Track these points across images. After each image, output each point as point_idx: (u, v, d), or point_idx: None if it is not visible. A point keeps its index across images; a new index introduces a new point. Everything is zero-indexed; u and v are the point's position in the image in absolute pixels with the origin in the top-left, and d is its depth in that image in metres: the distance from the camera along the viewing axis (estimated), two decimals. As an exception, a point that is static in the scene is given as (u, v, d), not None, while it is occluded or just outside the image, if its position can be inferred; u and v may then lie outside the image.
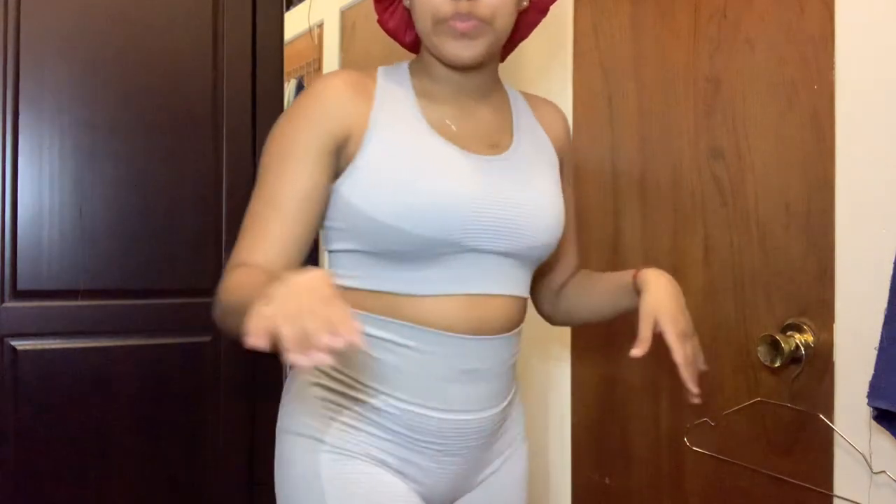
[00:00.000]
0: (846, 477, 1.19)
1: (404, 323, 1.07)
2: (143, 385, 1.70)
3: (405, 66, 1.18)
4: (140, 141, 1.68)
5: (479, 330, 1.08)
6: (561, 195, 1.18)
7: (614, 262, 1.66)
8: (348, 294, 1.07)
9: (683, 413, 1.49)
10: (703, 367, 1.14)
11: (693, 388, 1.09)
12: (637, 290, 1.17)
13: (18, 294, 1.59)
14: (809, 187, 1.26)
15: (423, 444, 1.09)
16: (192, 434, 1.74)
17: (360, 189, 1.05)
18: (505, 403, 1.16)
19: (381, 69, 1.16)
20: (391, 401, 1.08)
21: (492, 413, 1.13)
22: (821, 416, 1.23)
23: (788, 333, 1.27)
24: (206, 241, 1.74)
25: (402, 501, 1.09)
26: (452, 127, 1.12)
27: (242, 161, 1.78)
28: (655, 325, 1.08)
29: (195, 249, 1.74)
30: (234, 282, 0.97)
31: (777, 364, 1.25)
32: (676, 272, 1.50)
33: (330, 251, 1.15)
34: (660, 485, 1.55)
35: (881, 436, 1.14)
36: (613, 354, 1.67)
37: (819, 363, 1.24)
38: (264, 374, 1.81)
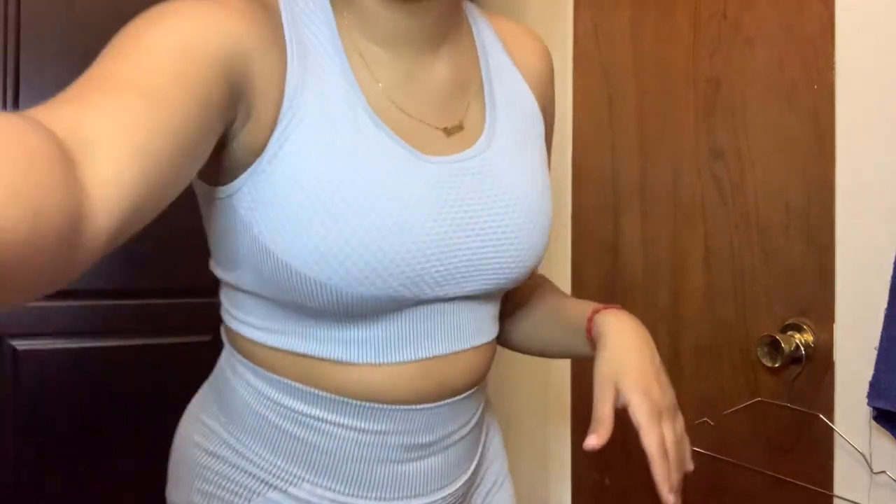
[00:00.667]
0: (846, 477, 1.19)
1: (336, 397, 0.77)
2: (143, 385, 1.70)
3: None
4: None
5: (440, 396, 0.80)
6: (548, 183, 0.86)
7: (614, 262, 1.66)
8: (254, 349, 0.80)
9: (684, 413, 1.49)
10: (689, 466, 0.86)
11: (668, 494, 0.79)
12: (591, 342, 0.87)
13: (18, 294, 1.59)
14: (809, 187, 1.26)
15: None
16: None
17: (266, 215, 0.70)
18: (473, 466, 0.88)
19: None
20: (315, 490, 0.80)
21: (454, 488, 0.85)
22: (821, 416, 1.22)
23: (788, 333, 1.27)
24: (205, 240, 1.74)
25: None
26: (397, 104, 0.76)
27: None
28: (616, 397, 0.80)
29: (193, 248, 1.73)
30: None
31: (777, 364, 1.25)
32: (676, 272, 1.50)
33: (222, 281, 0.86)
34: (660, 485, 1.55)
35: (881, 436, 1.14)
36: (613, 355, 1.67)
37: (819, 363, 1.24)
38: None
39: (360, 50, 0.76)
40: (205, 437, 0.86)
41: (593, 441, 0.76)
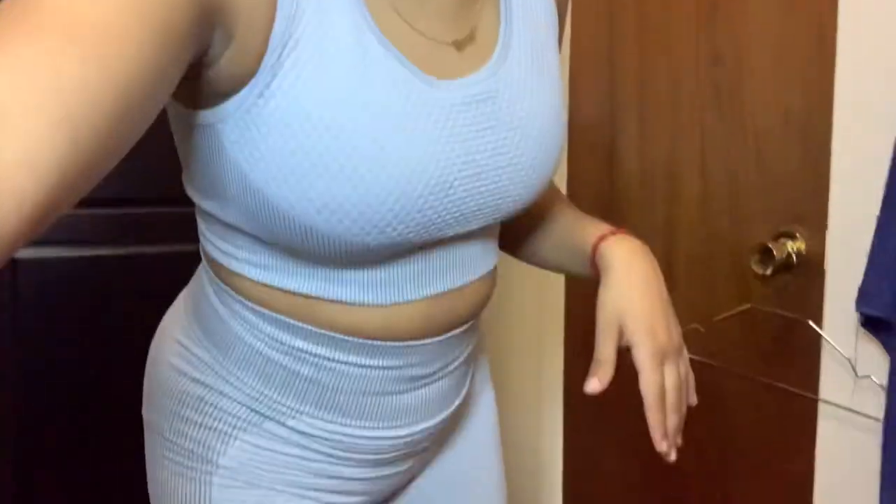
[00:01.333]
0: (832, 381, 1.22)
1: (338, 335, 0.73)
2: (143, 294, 1.71)
3: None
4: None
5: (441, 329, 0.77)
6: (562, 99, 0.79)
7: (610, 171, 1.66)
8: (244, 283, 0.74)
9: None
10: (692, 400, 0.87)
11: (661, 441, 0.79)
12: (595, 271, 0.83)
13: (15, 203, 1.59)
14: (808, 95, 1.24)
15: (356, 463, 0.81)
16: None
17: (258, 156, 0.62)
18: (464, 392, 0.88)
19: None
20: (313, 421, 0.77)
21: (446, 414, 0.84)
22: (809, 322, 1.24)
23: (781, 241, 1.28)
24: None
25: None
26: (402, 15, 0.66)
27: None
28: (620, 336, 0.80)
29: (190, 158, 1.73)
30: None
31: (768, 272, 1.27)
32: (672, 181, 1.50)
33: (200, 207, 0.79)
34: (650, 389, 1.59)
35: (867, 342, 1.16)
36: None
37: (810, 271, 1.25)
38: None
39: None
40: (187, 362, 0.81)
41: (594, 385, 0.78)
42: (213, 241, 0.78)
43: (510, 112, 0.71)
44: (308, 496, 0.79)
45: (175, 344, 0.84)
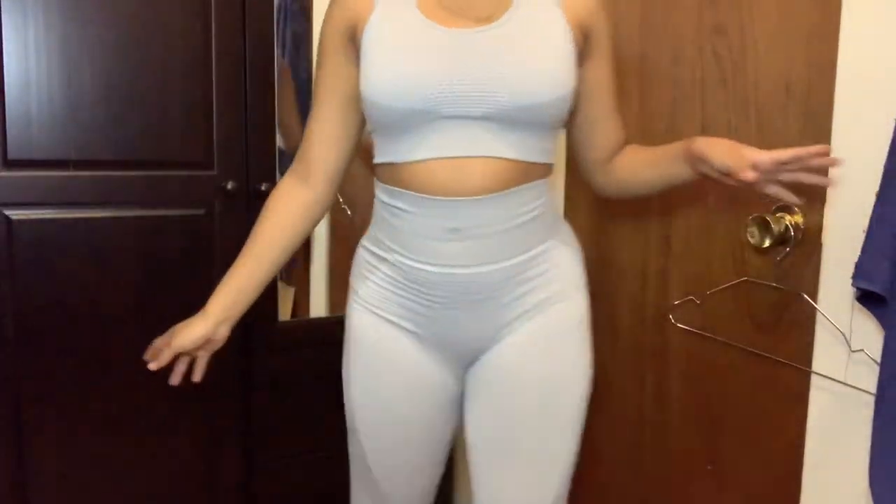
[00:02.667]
0: (825, 355, 1.23)
1: (396, 189, 1.19)
2: (138, 256, 1.71)
3: None
4: (127, 7, 1.63)
5: (458, 192, 1.15)
6: (561, 58, 1.16)
7: (610, 141, 1.65)
8: (376, 169, 1.26)
9: (670, 293, 1.52)
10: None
11: (833, 161, 1.12)
12: (691, 156, 1.21)
13: (9, 164, 1.58)
14: (810, 66, 1.23)
15: (428, 297, 1.22)
16: (188, 305, 1.77)
17: (361, 72, 1.17)
18: (507, 264, 1.20)
19: None
20: (398, 257, 1.22)
21: (489, 269, 1.19)
22: (805, 295, 1.25)
23: (779, 215, 1.28)
24: (197, 110, 1.72)
25: (407, 352, 1.26)
26: (440, 7, 1.17)
27: (231, 27, 1.73)
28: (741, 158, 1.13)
29: (186, 119, 1.71)
30: (264, 213, 1.30)
31: (766, 245, 1.27)
32: (671, 152, 1.49)
33: (369, 134, 1.27)
34: (643, 359, 1.60)
35: (862, 316, 1.16)
36: (603, 235, 1.68)
37: (807, 245, 1.25)
38: (258, 247, 1.82)
39: None
40: (362, 245, 1.32)
41: (751, 176, 1.11)
42: (375, 151, 1.24)
43: (502, 48, 1.15)
44: (395, 322, 1.26)
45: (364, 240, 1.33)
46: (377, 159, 1.23)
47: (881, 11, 1.12)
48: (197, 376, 1.30)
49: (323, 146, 1.27)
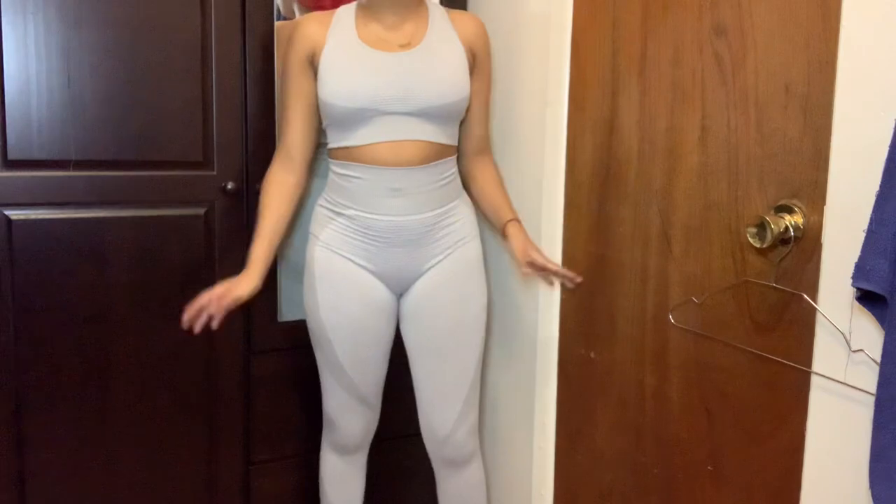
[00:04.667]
0: (825, 355, 1.23)
1: (353, 163, 1.65)
2: (138, 256, 1.71)
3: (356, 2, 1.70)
4: (126, 8, 1.63)
5: (398, 163, 1.64)
6: (459, 71, 1.67)
7: (610, 139, 1.65)
8: (330, 151, 1.71)
9: (670, 292, 1.52)
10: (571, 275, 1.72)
11: (573, 276, 1.71)
12: (503, 233, 1.77)
13: (9, 164, 1.58)
14: (810, 68, 1.23)
15: (376, 239, 1.67)
16: (188, 304, 1.77)
17: (320, 84, 1.64)
18: (430, 214, 1.68)
19: (342, 7, 1.70)
20: (353, 212, 1.67)
21: (418, 217, 1.67)
22: (805, 296, 1.25)
23: (779, 215, 1.27)
24: (197, 110, 1.72)
25: (361, 278, 1.69)
26: (375, 35, 1.65)
27: (230, 28, 1.73)
28: (535, 257, 1.68)
29: (185, 120, 1.71)
30: (265, 196, 1.70)
31: (765, 245, 1.27)
32: (672, 152, 1.49)
33: (324, 128, 1.72)
34: (643, 359, 1.60)
35: (862, 316, 1.16)
36: (603, 235, 1.68)
37: (807, 245, 1.25)
38: (258, 247, 1.82)
39: (363, 18, 1.67)
40: (322, 199, 1.76)
41: (578, 279, 1.73)
42: (327, 140, 1.71)
43: (420, 64, 1.63)
44: (351, 259, 1.69)
45: (321, 202, 1.77)
46: (332, 144, 1.69)
47: (881, 11, 1.12)
48: (217, 324, 1.60)
49: (298, 141, 1.70)
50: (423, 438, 1.83)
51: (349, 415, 1.79)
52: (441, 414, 1.78)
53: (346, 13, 1.68)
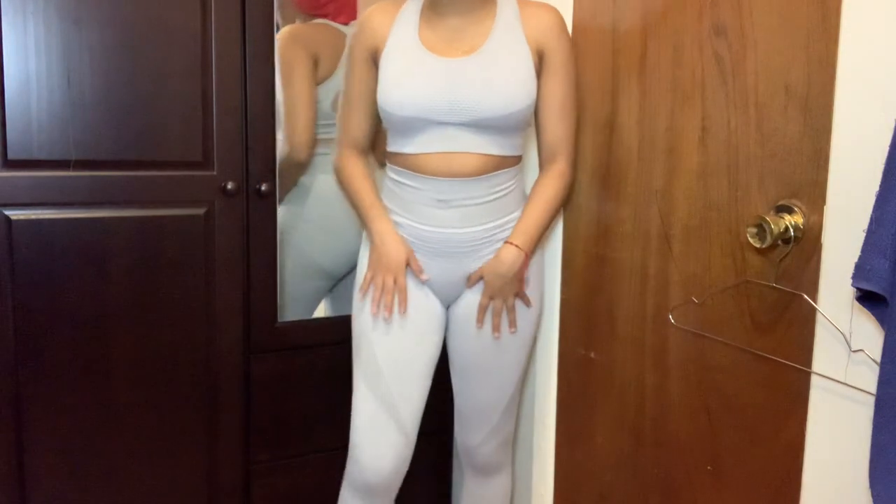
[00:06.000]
0: (825, 355, 1.23)
1: (405, 170, 1.62)
2: (139, 256, 1.71)
3: None
4: (126, 8, 1.63)
5: (448, 174, 1.58)
6: (520, 79, 1.56)
7: (610, 140, 1.65)
8: (388, 155, 1.67)
9: (670, 292, 1.52)
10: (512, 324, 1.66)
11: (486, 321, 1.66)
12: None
13: (9, 164, 1.58)
14: (810, 68, 1.23)
15: (423, 248, 1.63)
16: (188, 304, 1.77)
17: (380, 86, 1.60)
18: (480, 227, 1.61)
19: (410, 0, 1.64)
20: (403, 219, 1.64)
21: (467, 230, 1.61)
22: (805, 296, 1.25)
23: (779, 215, 1.27)
24: (197, 110, 1.72)
25: (409, 283, 1.65)
26: (438, 38, 1.59)
27: (231, 27, 1.73)
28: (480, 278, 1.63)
29: (185, 120, 1.71)
30: (349, 174, 1.71)
31: (765, 245, 1.27)
32: (672, 152, 1.49)
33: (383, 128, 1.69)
34: (643, 359, 1.60)
35: (862, 316, 1.16)
36: (603, 235, 1.68)
37: (808, 245, 1.25)
38: (258, 245, 1.82)
39: (427, 17, 1.61)
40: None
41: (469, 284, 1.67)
42: (388, 141, 1.67)
43: (478, 73, 1.55)
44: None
45: None
46: (390, 147, 1.66)
47: (881, 11, 1.12)
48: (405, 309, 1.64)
49: (364, 131, 1.71)
50: (455, 439, 1.81)
51: (378, 435, 1.62)
52: (476, 426, 1.75)
53: (412, 7, 1.63)
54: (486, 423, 1.74)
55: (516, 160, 1.64)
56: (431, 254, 1.63)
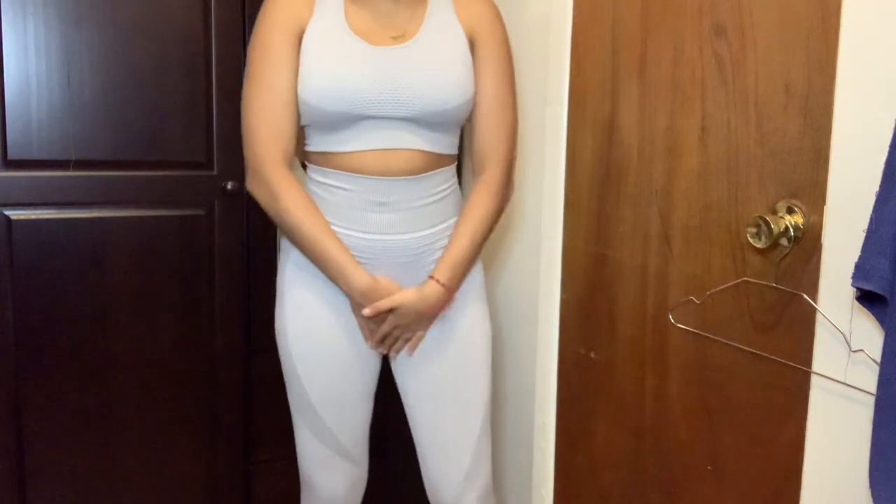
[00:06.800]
0: (825, 355, 1.23)
1: (334, 171, 1.44)
2: (138, 256, 1.71)
3: None
4: (126, 7, 1.63)
5: (386, 173, 1.42)
6: (459, 69, 1.44)
7: (610, 140, 1.65)
8: (309, 155, 1.50)
9: (670, 292, 1.52)
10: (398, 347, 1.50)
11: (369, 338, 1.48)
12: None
13: (9, 164, 1.58)
14: (810, 67, 1.23)
15: (361, 259, 1.44)
16: (188, 304, 1.77)
17: (300, 76, 1.40)
18: (423, 233, 1.47)
19: None
20: (335, 228, 1.44)
21: (409, 236, 1.46)
22: (804, 296, 1.25)
23: (779, 215, 1.27)
24: (197, 110, 1.72)
25: (338, 302, 1.47)
26: (365, 23, 1.42)
27: (232, 27, 1.73)
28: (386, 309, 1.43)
29: (186, 120, 1.71)
30: (294, 210, 1.40)
31: (765, 245, 1.26)
32: (671, 152, 1.49)
33: (301, 125, 1.47)
34: (643, 359, 1.60)
35: (862, 316, 1.16)
36: (603, 235, 1.68)
37: (807, 245, 1.25)
38: (258, 245, 1.82)
39: (355, 2, 1.44)
40: None
41: (367, 311, 1.42)
42: (306, 142, 1.49)
43: (414, 63, 1.41)
44: (324, 279, 1.46)
45: None
46: (310, 147, 1.48)
47: (881, 12, 1.12)
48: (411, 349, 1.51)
49: (291, 133, 1.43)
50: (429, 501, 1.57)
51: (327, 472, 1.52)
52: (445, 474, 1.51)
53: None
54: (457, 468, 1.50)
55: (453, 159, 1.53)
56: (367, 265, 1.44)
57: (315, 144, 1.46)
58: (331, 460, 1.52)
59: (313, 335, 1.47)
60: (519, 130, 1.83)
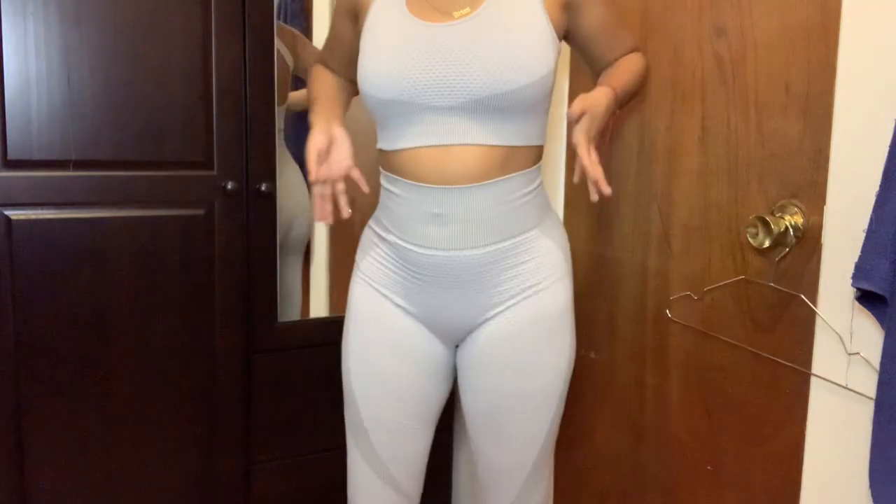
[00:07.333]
0: (825, 355, 1.23)
1: (391, 175, 1.31)
2: (138, 256, 1.71)
3: None
4: (126, 7, 1.63)
5: (443, 180, 1.24)
6: (534, 40, 1.23)
7: (610, 141, 1.65)
8: (379, 155, 1.37)
9: (670, 292, 1.52)
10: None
11: (600, 186, 1.23)
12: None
13: (9, 164, 1.58)
14: (810, 68, 1.23)
15: (417, 276, 1.32)
16: (188, 304, 1.77)
17: (359, 61, 1.30)
18: (489, 248, 1.28)
19: None
20: (393, 238, 1.32)
21: (470, 253, 1.28)
22: (802, 297, 1.25)
23: (778, 215, 1.27)
24: (197, 110, 1.72)
25: (398, 324, 1.36)
26: (427, 2, 1.27)
27: (231, 28, 1.73)
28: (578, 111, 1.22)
29: (186, 120, 1.71)
30: (316, 77, 1.49)
31: (765, 245, 1.27)
32: (671, 152, 1.49)
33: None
34: (643, 359, 1.60)
35: (862, 317, 1.16)
36: (603, 235, 1.68)
37: (807, 245, 1.25)
38: (258, 245, 1.82)
39: None
40: (368, 224, 1.44)
41: (604, 192, 1.21)
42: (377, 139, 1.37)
43: (475, 40, 1.21)
44: (389, 297, 1.36)
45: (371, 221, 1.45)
46: (378, 145, 1.35)
47: (881, 11, 1.12)
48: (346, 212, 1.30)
49: (339, 68, 1.48)
50: None
51: (368, 497, 1.43)
52: (492, 497, 1.45)
53: None
54: (505, 494, 1.43)
55: (533, 153, 1.32)
56: (426, 284, 1.32)
57: (378, 140, 1.34)
58: (374, 486, 1.42)
59: (371, 361, 1.37)
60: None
